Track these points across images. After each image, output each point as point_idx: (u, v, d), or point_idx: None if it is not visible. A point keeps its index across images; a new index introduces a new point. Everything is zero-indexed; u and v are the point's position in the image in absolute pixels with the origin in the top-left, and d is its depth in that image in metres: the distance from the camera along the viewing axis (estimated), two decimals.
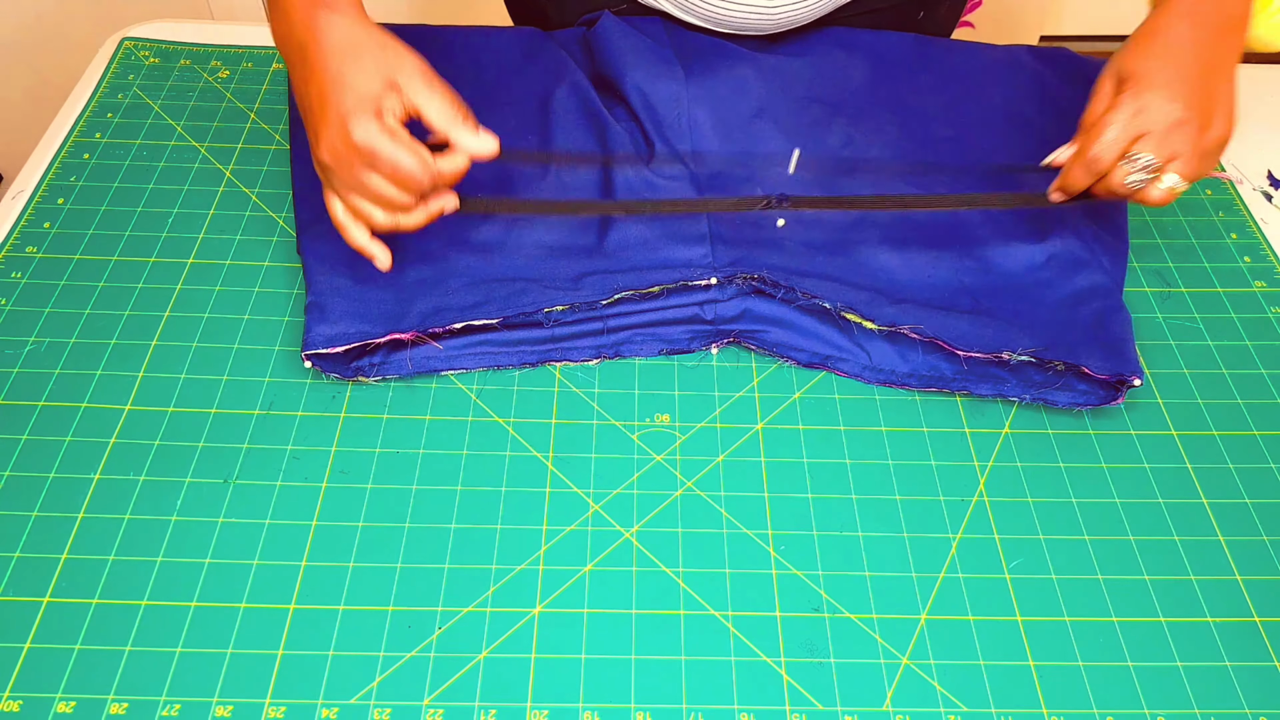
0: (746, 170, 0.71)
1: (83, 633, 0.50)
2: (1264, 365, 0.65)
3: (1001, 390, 0.62)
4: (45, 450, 0.57)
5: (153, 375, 0.61)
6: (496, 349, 0.62)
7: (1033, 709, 0.50)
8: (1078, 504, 0.57)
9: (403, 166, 0.53)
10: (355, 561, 0.53)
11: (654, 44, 0.76)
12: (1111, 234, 0.69)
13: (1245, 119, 0.82)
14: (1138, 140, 0.57)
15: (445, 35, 0.80)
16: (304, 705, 0.48)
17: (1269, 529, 0.57)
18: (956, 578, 0.54)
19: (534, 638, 0.51)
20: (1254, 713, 0.50)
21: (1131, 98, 0.57)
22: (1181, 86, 0.56)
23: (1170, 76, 0.56)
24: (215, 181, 0.72)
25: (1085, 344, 0.61)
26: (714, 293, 0.64)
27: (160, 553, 0.53)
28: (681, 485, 0.57)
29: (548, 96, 0.74)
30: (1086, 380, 0.61)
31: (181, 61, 0.82)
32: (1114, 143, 0.57)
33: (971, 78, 0.79)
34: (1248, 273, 0.70)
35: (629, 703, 0.49)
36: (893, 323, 0.61)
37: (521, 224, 0.66)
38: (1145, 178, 0.57)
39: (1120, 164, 0.58)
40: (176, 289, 0.65)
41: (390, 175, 0.53)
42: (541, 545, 0.55)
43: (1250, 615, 0.53)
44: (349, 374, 0.61)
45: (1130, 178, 0.58)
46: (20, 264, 0.66)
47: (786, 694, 0.50)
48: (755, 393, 0.62)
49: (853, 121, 0.74)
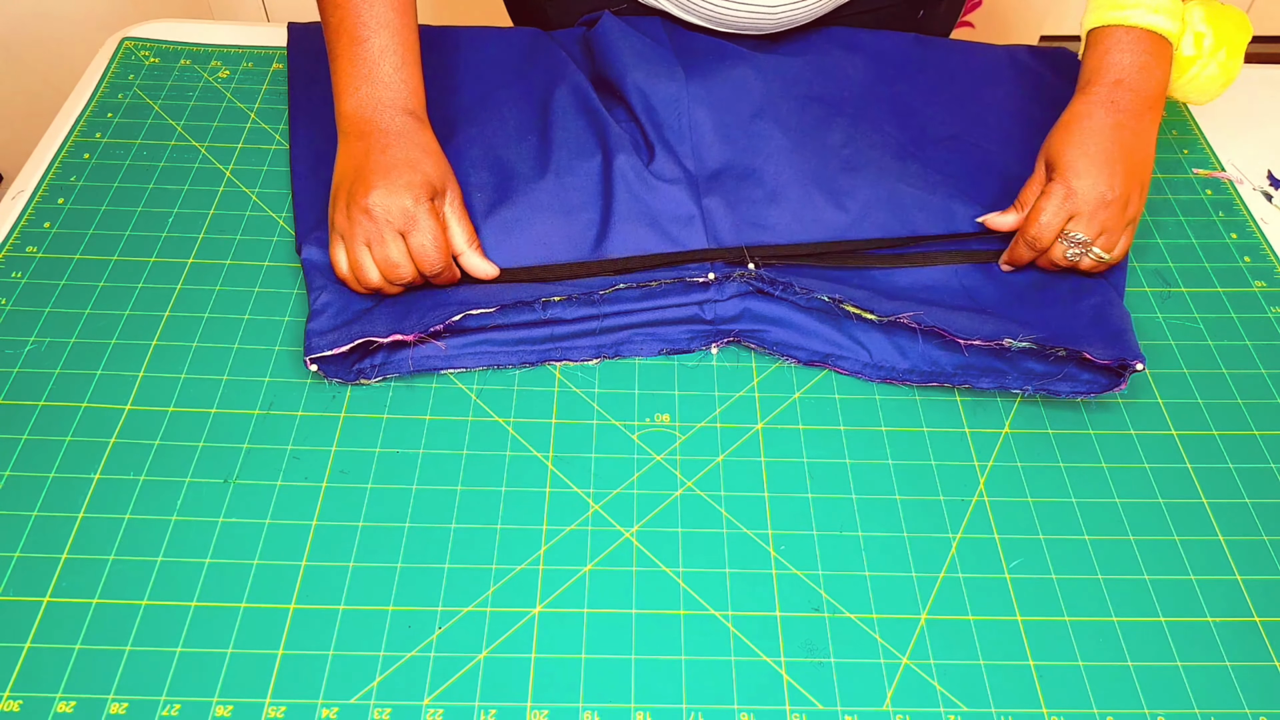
0: (745, 170, 0.71)
1: (83, 632, 0.50)
2: (1264, 365, 0.65)
3: (1003, 383, 0.62)
4: (45, 450, 0.57)
5: (153, 375, 0.61)
6: (496, 348, 0.62)
7: (1033, 709, 0.50)
8: (1078, 504, 0.57)
9: (429, 245, 0.60)
10: (355, 561, 0.53)
11: (654, 44, 0.76)
12: None
13: (1245, 119, 0.83)
14: (1070, 220, 0.63)
15: (446, 35, 0.80)
16: (304, 705, 0.48)
17: (1269, 529, 0.57)
18: (956, 578, 0.54)
19: (534, 638, 0.51)
20: (1254, 713, 0.50)
21: (1061, 184, 0.63)
22: (1105, 170, 0.63)
23: (1094, 162, 0.63)
24: (215, 181, 0.72)
25: (1085, 334, 0.61)
26: (713, 292, 0.64)
27: (160, 553, 0.53)
28: (681, 485, 0.57)
29: (548, 97, 0.74)
30: (1088, 369, 0.61)
31: (181, 61, 0.82)
32: (1049, 225, 0.64)
33: (971, 77, 0.79)
34: (1248, 273, 0.70)
35: (629, 702, 0.49)
36: (892, 314, 0.61)
37: (522, 223, 0.66)
38: (1080, 252, 0.64)
39: (1058, 240, 0.64)
40: (176, 289, 0.65)
41: (416, 248, 0.60)
42: (541, 545, 0.55)
43: (1250, 615, 0.53)
44: (351, 377, 0.61)
45: (1069, 253, 0.64)
46: (20, 264, 0.66)
47: (786, 694, 0.50)
48: (755, 393, 0.62)
49: (853, 121, 0.74)
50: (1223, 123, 0.82)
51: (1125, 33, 0.65)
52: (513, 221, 0.66)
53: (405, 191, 0.59)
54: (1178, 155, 0.79)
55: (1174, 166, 0.78)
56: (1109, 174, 0.62)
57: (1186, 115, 0.83)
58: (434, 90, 0.76)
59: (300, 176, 0.71)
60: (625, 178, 0.68)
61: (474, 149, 0.70)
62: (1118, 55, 0.65)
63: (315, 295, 0.62)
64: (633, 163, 0.68)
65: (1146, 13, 0.65)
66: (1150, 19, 0.65)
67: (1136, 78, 0.65)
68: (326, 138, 0.73)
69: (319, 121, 0.74)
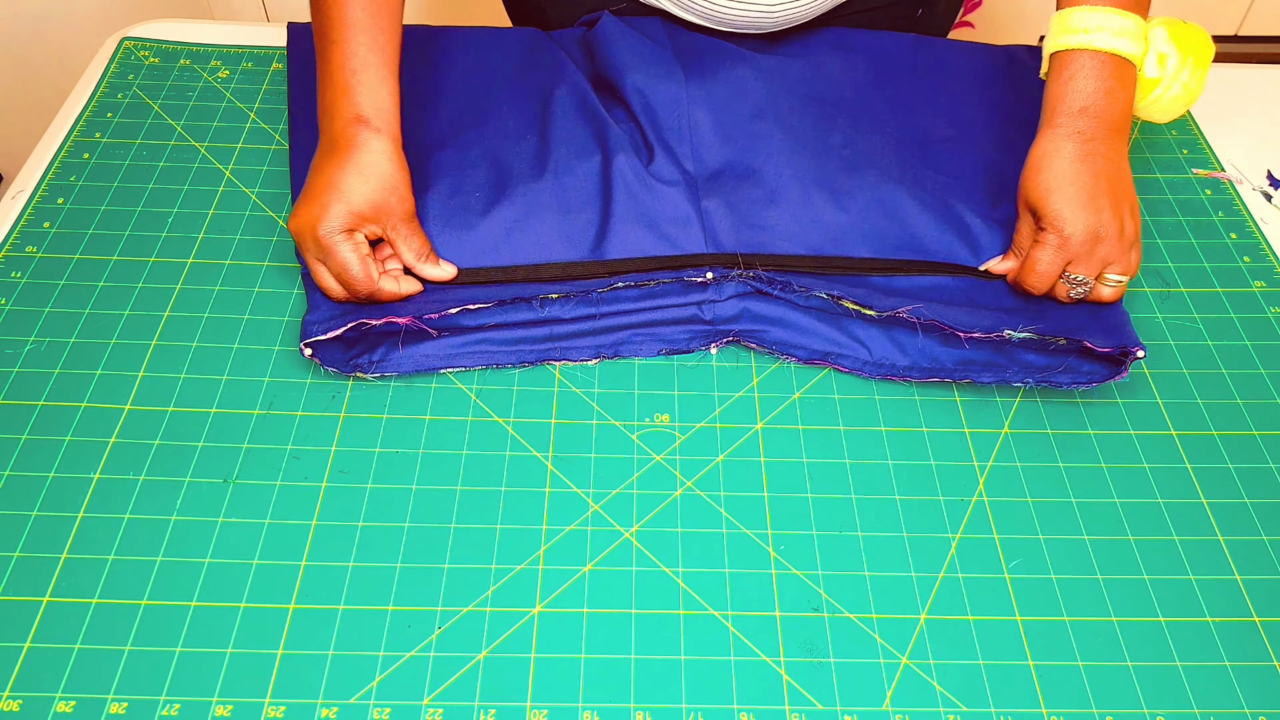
0: (745, 171, 0.71)
1: (83, 632, 0.50)
2: (1264, 365, 0.65)
3: (1003, 377, 0.62)
4: (45, 450, 0.57)
5: (153, 375, 0.61)
6: (495, 348, 0.62)
7: (1032, 709, 0.50)
8: (1077, 504, 0.58)
9: (350, 271, 0.60)
10: (355, 561, 0.53)
11: (654, 45, 0.76)
12: None
13: (1246, 119, 0.83)
14: (1069, 264, 0.62)
15: (446, 35, 0.80)
16: (304, 705, 0.48)
17: (1269, 529, 0.57)
18: (956, 578, 0.54)
19: (534, 637, 0.51)
20: (1254, 713, 0.50)
21: (1053, 234, 0.62)
22: (1090, 209, 0.61)
23: (1077, 204, 0.61)
24: (215, 181, 0.72)
25: (1084, 325, 0.61)
26: (712, 292, 0.64)
27: (160, 552, 0.53)
28: (681, 485, 0.57)
29: (547, 97, 0.74)
30: (1088, 359, 0.61)
31: (181, 61, 0.82)
32: (1046, 275, 0.63)
33: (971, 78, 0.80)
34: (1248, 273, 0.70)
35: (628, 702, 0.49)
36: (891, 309, 0.61)
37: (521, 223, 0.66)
38: (1087, 288, 0.63)
39: (1060, 283, 0.63)
40: (176, 289, 0.65)
41: (337, 273, 0.61)
42: (541, 545, 0.55)
43: (1250, 615, 0.53)
44: (348, 369, 0.61)
45: (1073, 292, 0.63)
46: (20, 263, 0.66)
47: (786, 694, 0.50)
48: (755, 393, 0.62)
49: (852, 121, 0.74)
50: (1223, 123, 0.82)
51: (1089, 57, 0.64)
52: (511, 221, 0.66)
53: (320, 221, 0.59)
54: (1178, 155, 0.79)
55: (1174, 166, 0.78)
56: (1095, 211, 0.61)
57: (1186, 115, 0.83)
58: (433, 90, 0.76)
59: (299, 176, 0.71)
60: (624, 178, 0.68)
61: (473, 149, 0.70)
62: (1082, 82, 0.64)
63: (312, 291, 0.63)
64: (632, 163, 0.68)
65: (1110, 36, 0.63)
66: (1114, 43, 0.63)
67: (1102, 103, 0.63)
68: None
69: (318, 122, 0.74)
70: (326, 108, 0.63)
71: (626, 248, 0.66)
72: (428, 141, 0.72)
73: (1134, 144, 0.80)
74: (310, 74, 0.77)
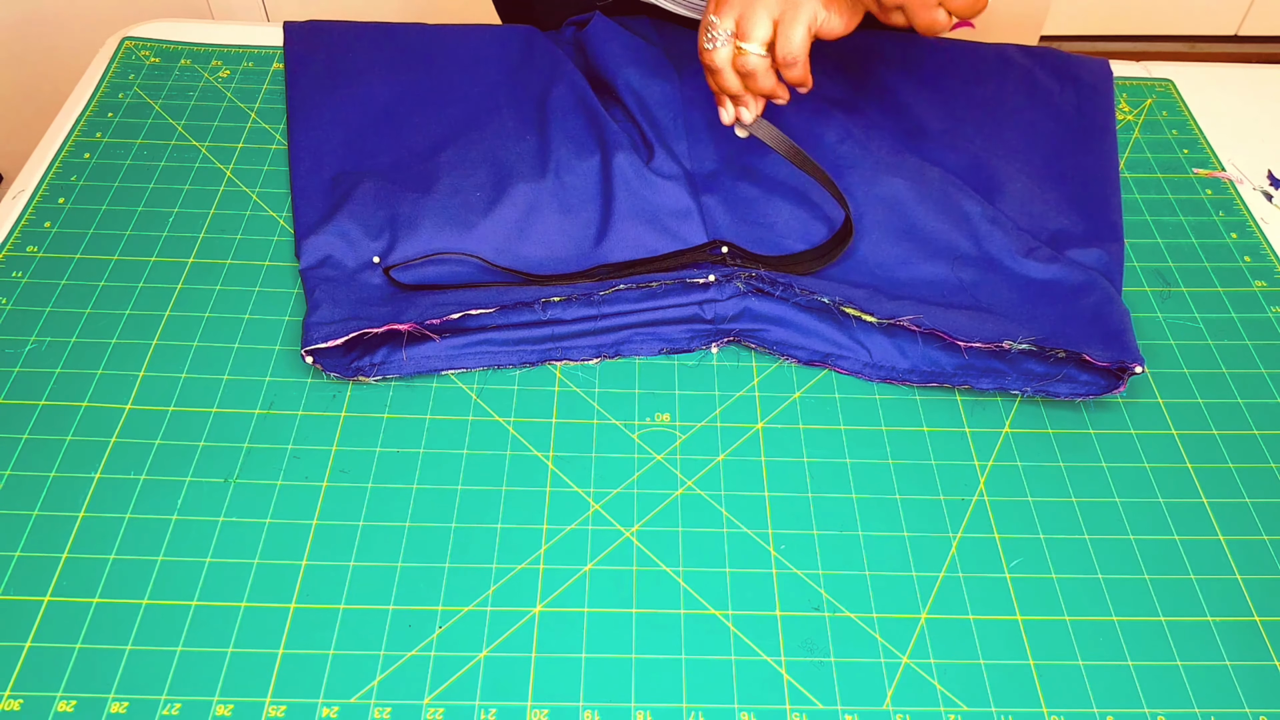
0: (742, 169, 0.71)
1: (83, 632, 0.50)
2: (1264, 365, 0.65)
3: (1002, 384, 0.62)
4: (45, 450, 0.57)
5: (153, 375, 0.61)
6: (497, 348, 0.62)
7: (1033, 708, 0.50)
8: (1078, 503, 0.58)
9: None
10: (355, 561, 0.53)
11: (646, 45, 0.76)
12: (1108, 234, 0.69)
13: (1245, 119, 0.83)
14: None
15: (442, 34, 0.80)
16: (304, 704, 0.48)
17: (1269, 529, 0.57)
18: (956, 577, 0.54)
19: (534, 637, 0.51)
20: (1254, 712, 0.50)
21: None
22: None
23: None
24: (216, 181, 0.73)
25: (1085, 334, 0.61)
26: (713, 292, 0.64)
27: (161, 552, 0.53)
28: (682, 485, 0.57)
29: (546, 95, 0.74)
30: (1087, 370, 0.61)
31: (182, 61, 0.82)
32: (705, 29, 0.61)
33: (964, 74, 0.80)
34: (1248, 272, 0.70)
35: (629, 702, 0.49)
36: (892, 316, 0.61)
37: (522, 222, 0.66)
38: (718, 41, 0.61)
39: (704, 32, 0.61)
40: (177, 288, 0.65)
41: None
42: (541, 545, 0.55)
43: (1250, 615, 0.53)
44: (349, 374, 0.61)
45: (706, 44, 0.61)
46: (21, 263, 0.66)
47: (786, 693, 0.50)
48: (755, 392, 0.62)
49: (847, 118, 0.74)
50: (1223, 123, 0.82)
51: None
52: (513, 221, 0.66)
53: None
54: (1178, 155, 0.79)
55: (1174, 166, 0.78)
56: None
57: (1186, 115, 0.83)
58: (432, 90, 0.76)
59: (299, 176, 0.71)
60: (625, 175, 0.68)
61: (473, 149, 0.70)
62: None
63: (312, 291, 0.62)
64: (632, 160, 0.68)
65: None
66: None
67: None
68: (325, 137, 0.73)
69: (317, 121, 0.74)
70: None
71: (628, 242, 0.66)
72: (428, 142, 0.72)
73: (1134, 144, 0.80)
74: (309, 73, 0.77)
